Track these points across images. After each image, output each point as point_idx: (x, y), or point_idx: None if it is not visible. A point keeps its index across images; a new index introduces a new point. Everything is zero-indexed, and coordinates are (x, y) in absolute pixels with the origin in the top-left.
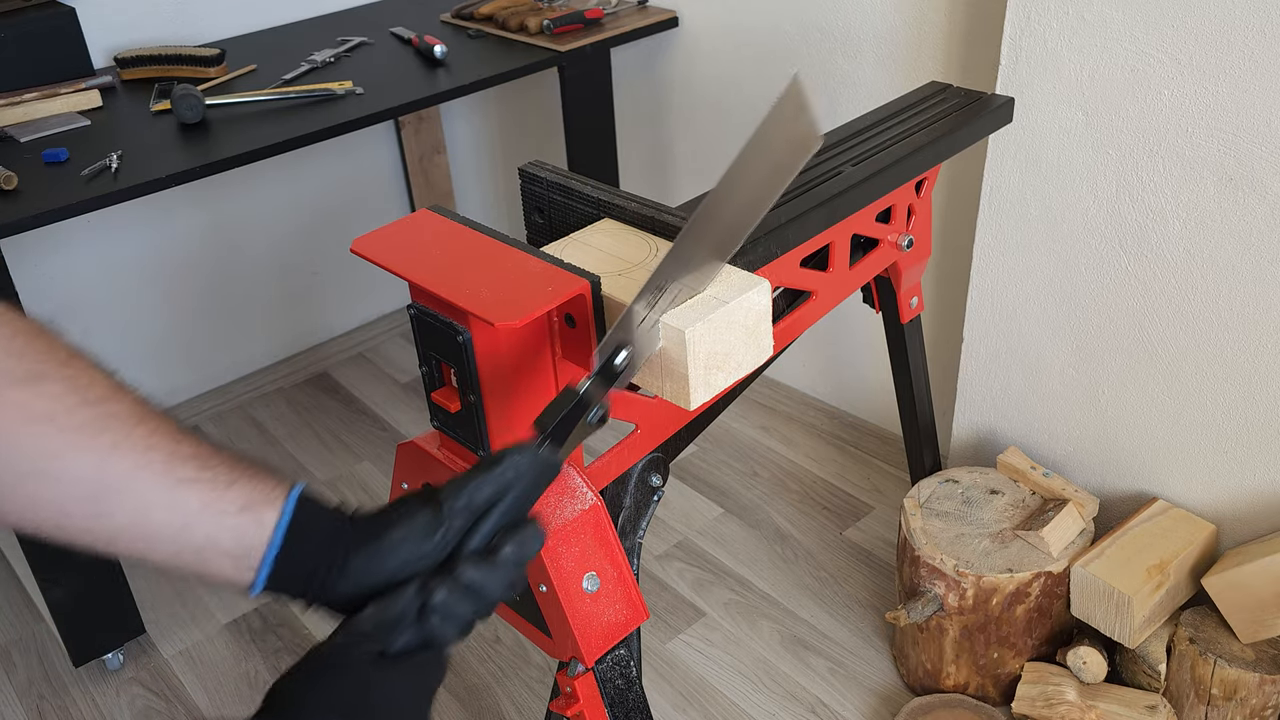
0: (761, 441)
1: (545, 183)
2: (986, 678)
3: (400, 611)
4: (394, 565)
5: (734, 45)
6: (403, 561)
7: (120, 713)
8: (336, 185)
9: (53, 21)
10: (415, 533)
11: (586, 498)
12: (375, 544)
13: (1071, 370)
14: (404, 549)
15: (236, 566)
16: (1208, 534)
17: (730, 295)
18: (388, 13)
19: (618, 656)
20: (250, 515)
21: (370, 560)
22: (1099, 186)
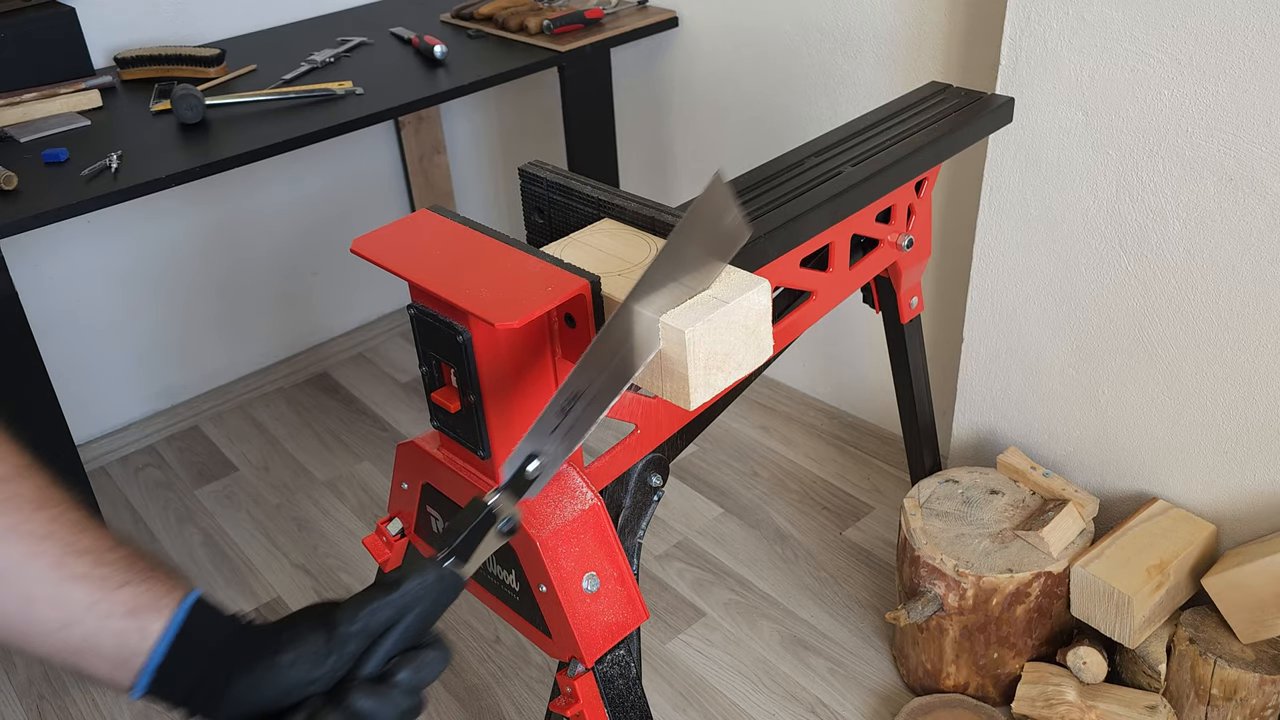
0: (761, 441)
1: (545, 183)
2: (986, 678)
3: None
4: (280, 690)
5: (734, 45)
6: (290, 685)
7: (120, 713)
8: (336, 185)
9: (53, 21)
10: (304, 658)
11: (586, 498)
12: (262, 668)
13: (1071, 370)
14: (291, 675)
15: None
16: (1208, 534)
17: (730, 295)
18: (388, 13)
19: (617, 656)
20: (135, 621)
21: (257, 683)
22: (1099, 186)
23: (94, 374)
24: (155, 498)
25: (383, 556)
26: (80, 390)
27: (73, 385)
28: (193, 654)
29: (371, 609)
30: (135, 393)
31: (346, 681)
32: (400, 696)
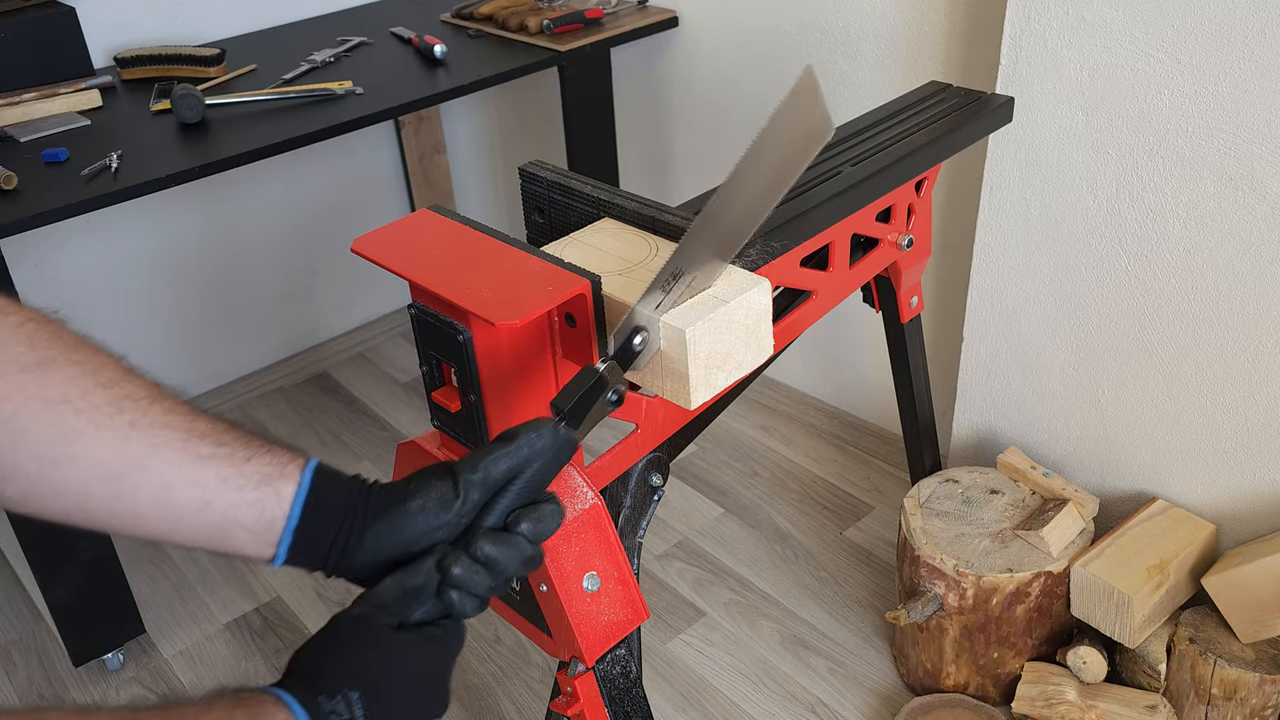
0: (761, 441)
1: (545, 182)
2: (986, 678)
3: (418, 584)
4: (411, 536)
5: (734, 45)
6: (419, 533)
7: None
8: (336, 185)
9: (53, 21)
10: (431, 504)
11: (587, 497)
12: (392, 515)
13: (1071, 370)
14: (420, 520)
15: (257, 541)
16: (1207, 534)
17: (730, 295)
18: (388, 13)
19: (618, 656)
20: (269, 489)
21: (387, 531)
22: (1099, 186)
23: None
24: None
25: None
26: None
27: None
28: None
29: (491, 459)
30: None
31: (471, 531)
32: (521, 545)
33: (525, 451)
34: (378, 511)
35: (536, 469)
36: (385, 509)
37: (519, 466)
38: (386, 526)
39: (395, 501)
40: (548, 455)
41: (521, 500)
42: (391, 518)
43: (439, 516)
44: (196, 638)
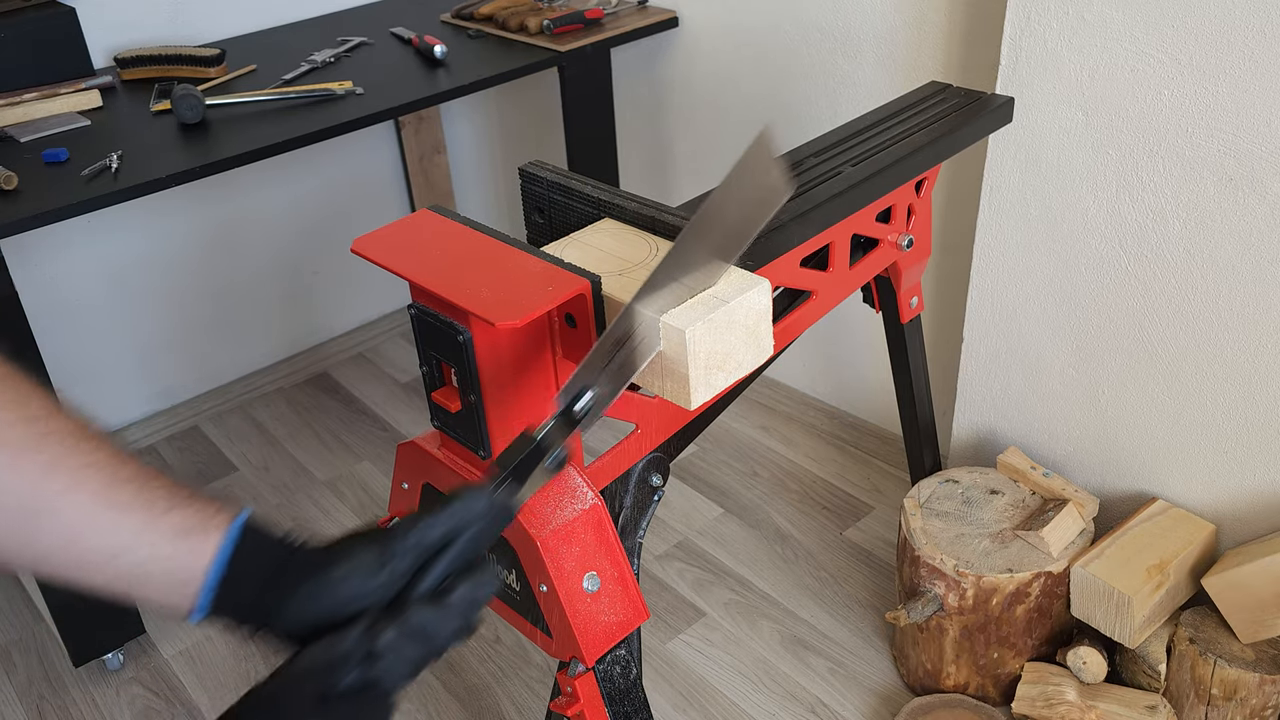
0: (761, 441)
1: (545, 182)
2: (986, 678)
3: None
4: (336, 603)
5: (734, 45)
6: (345, 599)
7: (120, 713)
8: (336, 185)
9: (53, 21)
10: (359, 569)
11: (587, 497)
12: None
13: (1071, 370)
14: (344, 588)
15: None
16: (1207, 534)
17: (730, 295)
18: (388, 13)
19: (618, 656)
20: (186, 543)
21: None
22: (1099, 186)
23: (94, 374)
24: None
25: None
26: (80, 390)
27: (73, 385)
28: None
29: (423, 525)
30: (135, 393)
31: (403, 597)
32: (456, 612)
33: (460, 517)
34: (303, 575)
35: (472, 535)
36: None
37: (453, 532)
38: (311, 592)
39: (322, 565)
40: (484, 522)
41: (457, 566)
42: (316, 583)
43: (365, 584)
44: (196, 638)
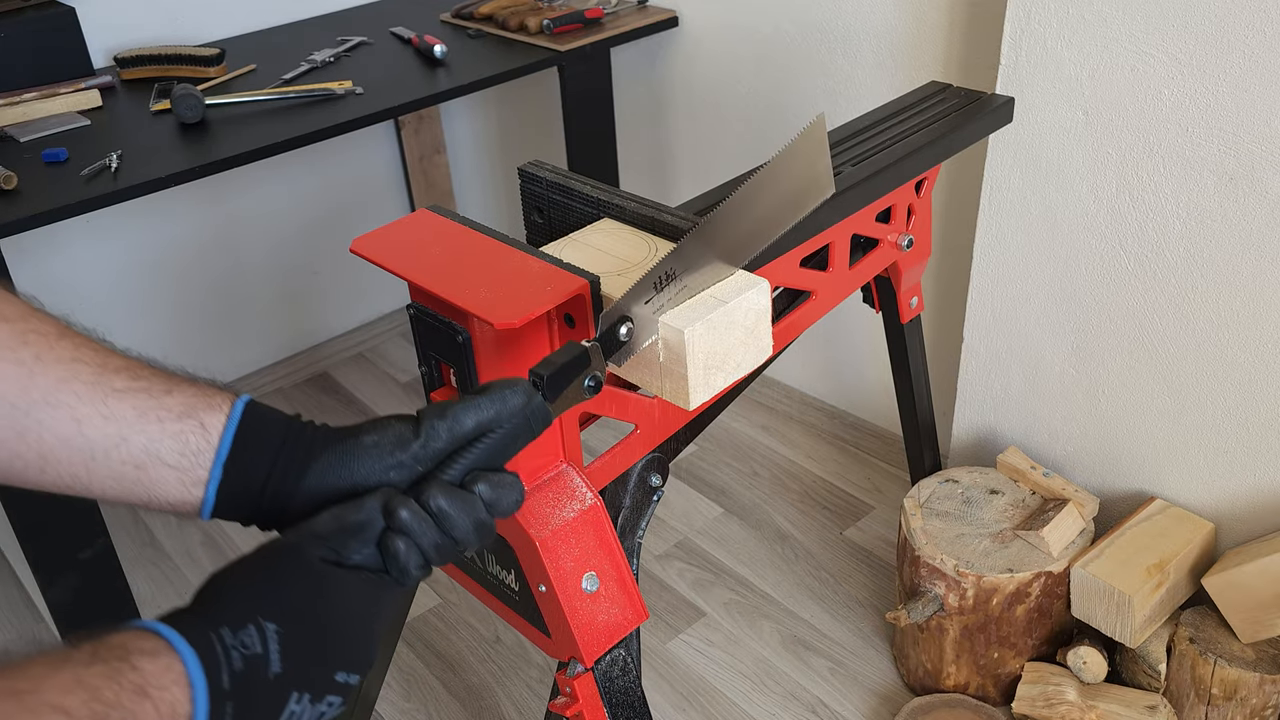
0: (761, 441)
1: (545, 182)
2: (987, 678)
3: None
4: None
5: (734, 45)
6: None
7: None
8: (336, 185)
9: (53, 21)
10: (387, 441)
11: (586, 497)
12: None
13: (1071, 370)
14: (373, 456)
15: (182, 480)
16: (1206, 533)
17: (730, 295)
18: (388, 13)
19: (617, 656)
20: (193, 420)
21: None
22: (1099, 186)
23: None
24: None
25: None
26: None
27: None
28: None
29: (459, 409)
30: None
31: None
32: (477, 507)
33: (496, 408)
34: (325, 444)
35: (506, 431)
36: (333, 442)
37: (488, 424)
38: (335, 459)
39: (347, 435)
40: (519, 419)
41: (484, 463)
42: (342, 450)
43: (394, 455)
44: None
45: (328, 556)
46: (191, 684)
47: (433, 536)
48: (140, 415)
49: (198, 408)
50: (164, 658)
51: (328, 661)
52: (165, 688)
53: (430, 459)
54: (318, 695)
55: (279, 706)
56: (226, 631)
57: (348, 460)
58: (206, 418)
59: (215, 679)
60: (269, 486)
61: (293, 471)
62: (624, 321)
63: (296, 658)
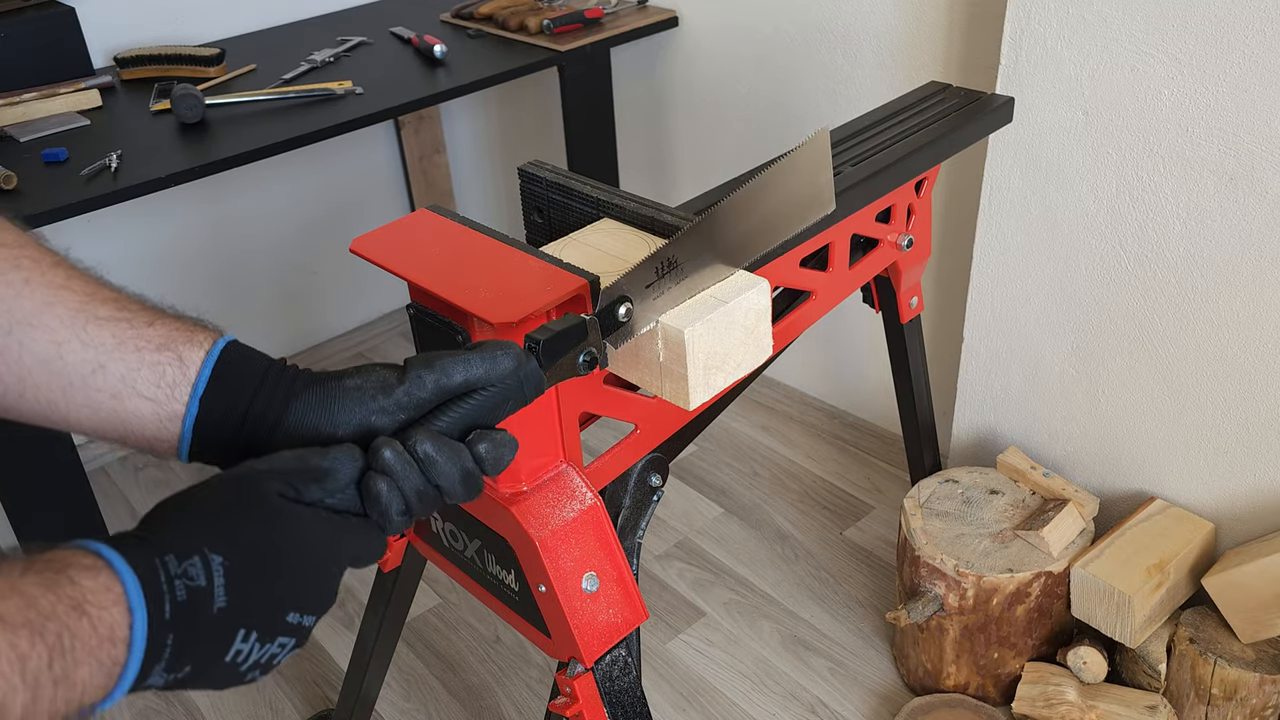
0: (761, 441)
1: (545, 182)
2: (987, 678)
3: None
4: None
5: (734, 45)
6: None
7: (120, 713)
8: (336, 185)
9: (53, 21)
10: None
11: (586, 497)
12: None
13: (1071, 370)
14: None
15: (158, 415)
16: (1206, 533)
17: (730, 295)
18: (388, 13)
19: (617, 656)
20: (170, 354)
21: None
22: (1099, 186)
23: None
24: (155, 498)
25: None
26: None
27: None
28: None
29: (449, 361)
30: None
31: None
32: (465, 455)
33: (486, 367)
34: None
35: (498, 391)
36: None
37: (476, 381)
38: (315, 400)
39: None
40: (511, 381)
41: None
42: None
43: (376, 400)
44: None
45: (286, 493)
46: (131, 610)
47: (415, 481)
48: (119, 344)
49: (177, 341)
50: (103, 576)
51: (278, 600)
52: (104, 607)
53: (414, 408)
54: (267, 634)
55: (225, 643)
56: (171, 560)
57: (329, 402)
58: (185, 351)
59: (156, 608)
60: (247, 425)
61: (272, 411)
62: (623, 301)
63: (243, 593)
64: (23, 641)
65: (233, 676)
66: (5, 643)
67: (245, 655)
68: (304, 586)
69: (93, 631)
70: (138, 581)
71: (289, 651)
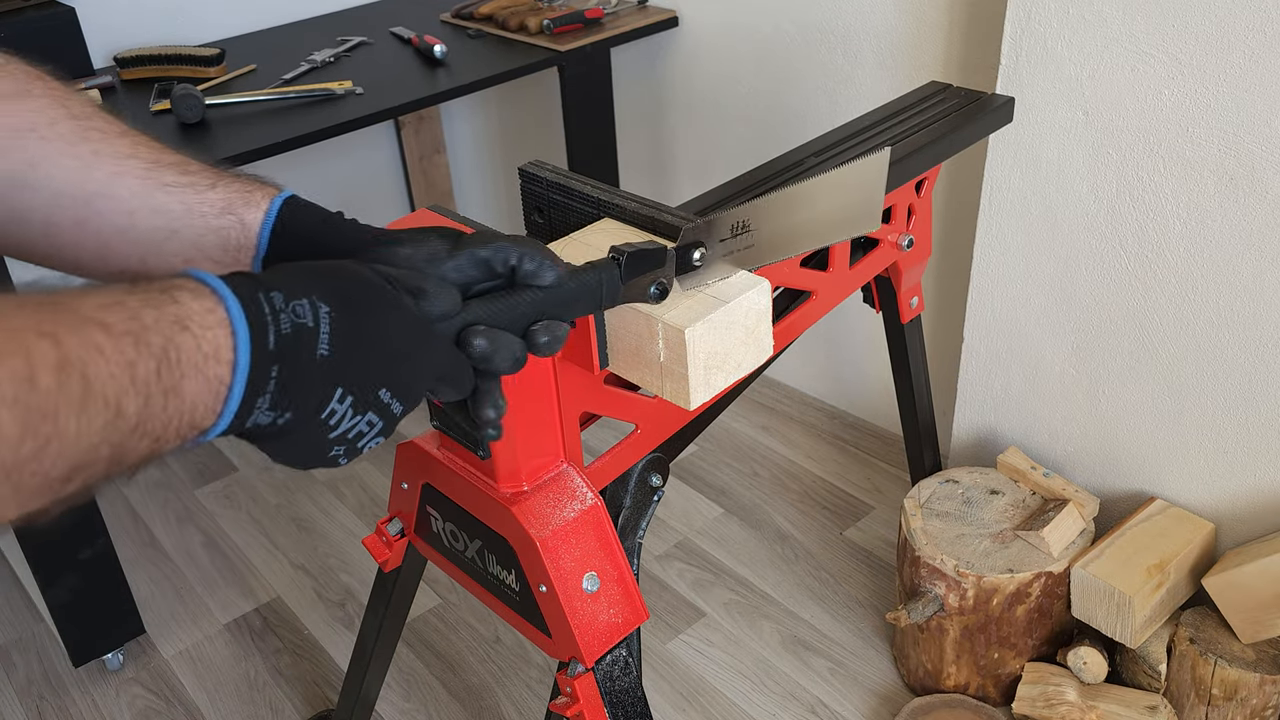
0: (761, 441)
1: (545, 182)
2: (987, 678)
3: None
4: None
5: (734, 45)
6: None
7: (120, 713)
8: (336, 185)
9: (53, 21)
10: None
11: (586, 497)
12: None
13: (1071, 370)
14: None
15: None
16: (1206, 533)
17: (730, 295)
18: (388, 13)
19: (618, 657)
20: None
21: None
22: (1099, 186)
23: None
24: (155, 498)
25: (382, 556)
26: None
27: None
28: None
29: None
30: None
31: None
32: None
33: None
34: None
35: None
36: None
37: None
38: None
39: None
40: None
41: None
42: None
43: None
44: (196, 638)
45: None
46: (235, 333)
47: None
48: (186, 210)
49: (236, 204)
50: (207, 300)
51: (375, 369)
52: (209, 327)
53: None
54: (360, 403)
55: (324, 395)
56: (278, 296)
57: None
58: (246, 214)
59: (260, 335)
60: None
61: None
62: (698, 246)
63: (345, 350)
64: (129, 348)
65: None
66: (113, 348)
67: (338, 418)
68: (399, 368)
69: (196, 347)
70: (241, 308)
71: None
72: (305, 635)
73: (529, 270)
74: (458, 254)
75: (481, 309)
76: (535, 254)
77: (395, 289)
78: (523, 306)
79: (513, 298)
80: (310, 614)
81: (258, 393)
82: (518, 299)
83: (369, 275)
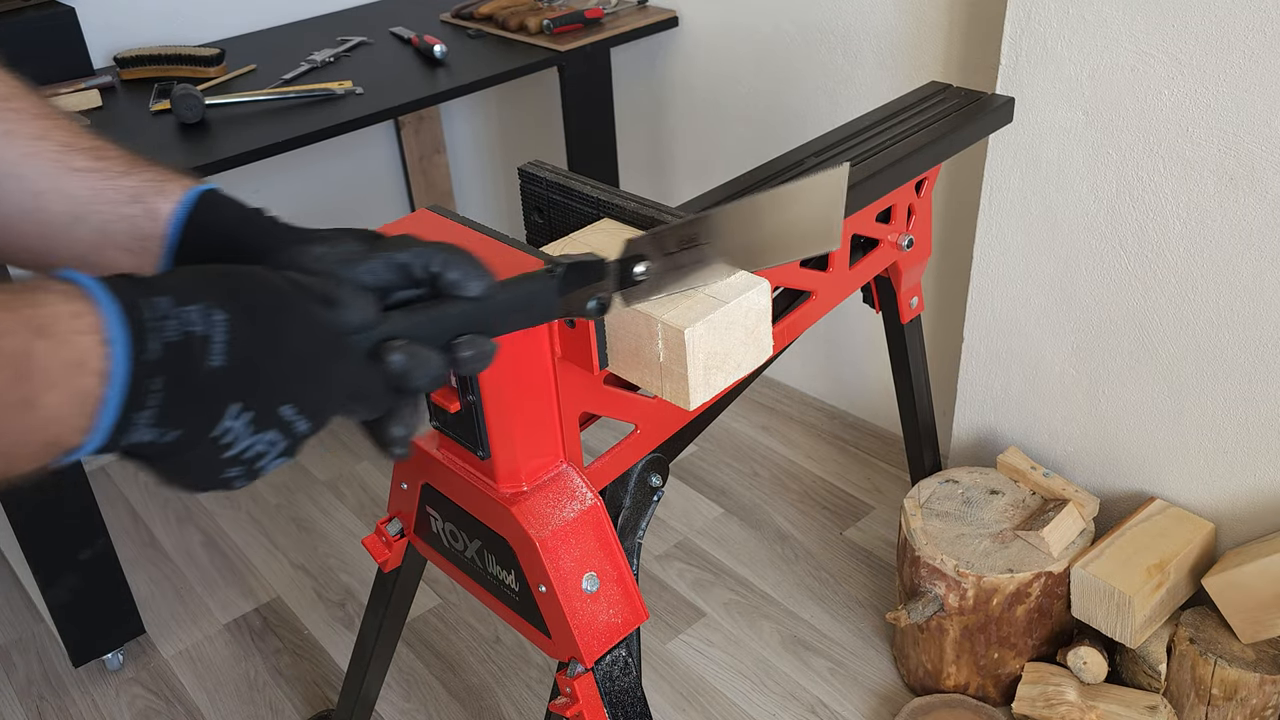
0: (761, 441)
1: (545, 183)
2: (987, 678)
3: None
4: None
5: (734, 45)
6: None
7: (120, 713)
8: (336, 185)
9: (52, 21)
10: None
11: (586, 497)
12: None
13: (1071, 370)
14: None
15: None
16: (1206, 533)
17: (730, 295)
18: (388, 13)
19: (617, 657)
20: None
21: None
22: (1099, 186)
23: None
24: (155, 498)
25: (382, 556)
26: None
27: None
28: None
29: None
30: None
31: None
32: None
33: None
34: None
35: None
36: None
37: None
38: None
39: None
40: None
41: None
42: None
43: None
44: (196, 638)
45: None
46: (109, 341)
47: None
48: (94, 195)
49: (147, 193)
50: (76, 303)
51: (277, 383)
52: (76, 332)
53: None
54: (260, 420)
55: (216, 411)
56: (166, 301)
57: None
58: (156, 203)
59: (140, 344)
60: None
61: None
62: (641, 260)
63: (242, 360)
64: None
65: (215, 466)
66: None
67: (233, 436)
68: (304, 381)
69: (56, 356)
70: (119, 311)
71: (274, 458)
72: (305, 635)
73: (453, 280)
74: (373, 257)
75: (401, 321)
76: (460, 263)
77: (304, 296)
78: (446, 320)
79: (435, 310)
80: (310, 614)
81: (136, 407)
82: (441, 311)
83: (274, 280)
